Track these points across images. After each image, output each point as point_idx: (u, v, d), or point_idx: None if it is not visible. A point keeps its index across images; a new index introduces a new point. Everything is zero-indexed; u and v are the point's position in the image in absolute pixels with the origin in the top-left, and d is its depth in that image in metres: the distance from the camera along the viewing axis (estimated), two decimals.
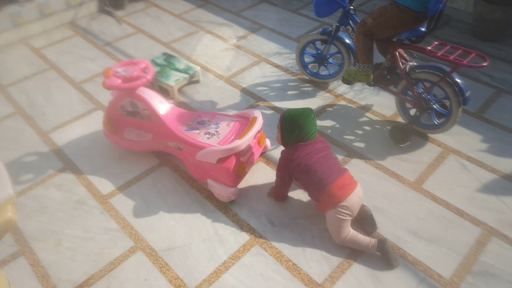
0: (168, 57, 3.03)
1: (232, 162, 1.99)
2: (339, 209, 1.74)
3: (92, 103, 2.79)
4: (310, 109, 1.92)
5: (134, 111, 2.23)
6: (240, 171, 2.03)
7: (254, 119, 2.13)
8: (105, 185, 2.20)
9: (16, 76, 3.08)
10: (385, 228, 1.93)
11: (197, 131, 2.12)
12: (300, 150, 1.86)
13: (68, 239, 1.95)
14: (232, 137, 2.07)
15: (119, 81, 2.10)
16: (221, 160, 1.98)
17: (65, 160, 2.36)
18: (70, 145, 2.47)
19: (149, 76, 2.13)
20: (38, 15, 3.52)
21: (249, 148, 2.09)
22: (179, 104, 2.76)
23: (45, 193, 2.17)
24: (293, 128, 1.86)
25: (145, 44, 3.42)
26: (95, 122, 2.61)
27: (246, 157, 2.09)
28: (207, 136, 2.08)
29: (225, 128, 2.13)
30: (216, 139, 2.06)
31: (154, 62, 2.96)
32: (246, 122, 2.17)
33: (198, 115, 2.25)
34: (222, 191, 2.03)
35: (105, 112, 2.33)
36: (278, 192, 2.04)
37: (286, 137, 1.90)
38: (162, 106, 2.20)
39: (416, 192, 2.10)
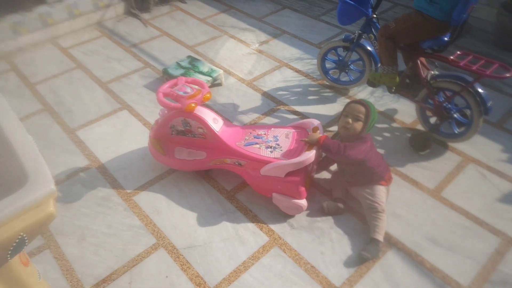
0: (192, 60, 3.10)
1: (301, 175, 1.97)
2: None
3: (118, 102, 2.88)
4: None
5: (186, 130, 2.16)
6: (308, 183, 2.03)
7: (316, 128, 2.11)
8: (129, 183, 2.27)
9: (45, 74, 3.19)
10: (404, 234, 1.95)
11: (257, 146, 2.07)
12: (369, 137, 1.98)
13: (92, 234, 2.01)
14: (295, 149, 2.04)
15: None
16: (289, 174, 1.96)
17: (90, 157, 2.45)
18: (96, 142, 2.55)
19: (206, 86, 2.12)
20: (67, 15, 3.64)
21: None
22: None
23: (71, 189, 2.25)
24: (375, 117, 1.96)
25: (170, 47, 3.50)
26: (120, 121, 2.69)
27: (311, 167, 2.09)
28: (269, 150, 2.05)
29: (284, 140, 2.10)
30: (279, 152, 2.03)
31: (179, 65, 3.04)
32: (304, 132, 2.16)
33: (253, 129, 2.21)
34: (291, 204, 2.00)
35: (151, 133, 2.24)
36: (339, 153, 1.95)
37: (369, 127, 1.96)
38: (217, 123, 2.13)
39: (435, 199, 2.11)
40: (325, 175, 2.27)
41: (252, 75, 3.13)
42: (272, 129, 2.19)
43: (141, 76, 3.16)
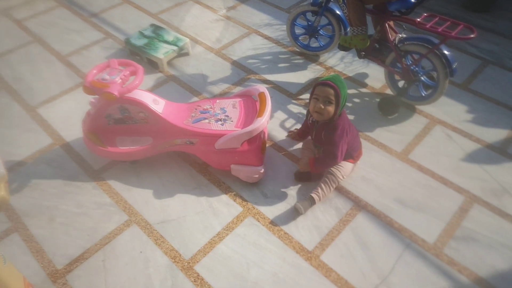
0: (156, 29, 2.97)
1: (256, 142, 1.95)
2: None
3: (80, 77, 2.75)
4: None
5: (124, 117, 2.04)
6: (263, 149, 2.01)
7: (263, 94, 2.06)
8: (97, 160, 2.20)
9: None
10: (373, 197, 2.00)
11: (206, 121, 2.02)
12: (344, 115, 1.93)
13: (61, 214, 1.97)
14: (245, 117, 2.01)
15: (119, 86, 1.89)
16: (245, 143, 1.94)
17: (54, 136, 2.35)
18: (59, 120, 2.45)
19: (139, 66, 1.99)
20: None
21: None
22: (169, 78, 2.74)
23: (36, 170, 2.17)
24: (345, 94, 1.87)
25: (132, 15, 3.33)
26: (83, 97, 2.57)
27: (263, 133, 2.07)
28: (220, 122, 2.00)
29: (233, 110, 2.06)
30: (230, 123, 1.99)
31: (142, 34, 2.91)
32: (250, 100, 2.13)
33: (198, 104, 2.14)
34: (251, 173, 2.00)
35: (84, 127, 2.08)
36: (331, 164, 1.97)
37: (341, 106, 1.87)
38: (158, 104, 2.03)
39: (403, 162, 2.16)
40: (297, 145, 2.28)
41: (220, 43, 3.04)
42: (218, 101, 2.14)
43: (102, 47, 3.01)
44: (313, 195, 1.94)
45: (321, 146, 1.99)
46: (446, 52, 2.14)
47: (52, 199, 2.03)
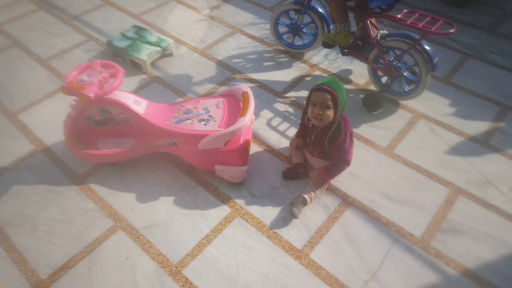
0: (138, 30, 2.93)
1: (240, 142, 1.94)
2: None
3: (61, 81, 2.70)
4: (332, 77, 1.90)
5: (106, 118, 2.01)
6: (247, 148, 2.00)
7: (246, 93, 2.05)
8: (79, 166, 2.16)
9: None
10: (360, 193, 2.01)
11: (189, 121, 1.99)
12: (345, 118, 1.92)
13: (44, 222, 1.92)
14: (228, 117, 2.00)
15: (96, 88, 1.86)
16: (229, 143, 1.92)
17: (36, 142, 2.30)
18: (40, 125, 2.40)
19: (120, 68, 1.97)
20: None
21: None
22: (154, 79, 2.71)
23: (17, 177, 2.12)
24: (344, 97, 1.84)
25: (114, 17, 3.29)
26: (65, 101, 2.53)
27: (247, 133, 2.06)
28: (203, 123, 1.98)
29: (216, 110, 2.05)
30: (214, 123, 1.98)
31: (124, 36, 2.87)
32: (234, 99, 2.11)
33: (181, 105, 2.11)
34: (235, 173, 1.98)
35: (65, 129, 2.04)
36: (344, 168, 1.97)
37: (341, 110, 1.85)
38: (140, 105, 2.00)
39: (388, 157, 2.18)
40: (285, 144, 2.28)
41: (204, 43, 3.01)
42: (201, 101, 2.12)
43: (84, 50, 2.96)
44: (305, 196, 1.92)
45: (318, 147, 1.99)
46: (427, 47, 2.16)
47: (34, 207, 1.99)
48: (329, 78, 1.84)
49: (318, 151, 1.99)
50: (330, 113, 1.82)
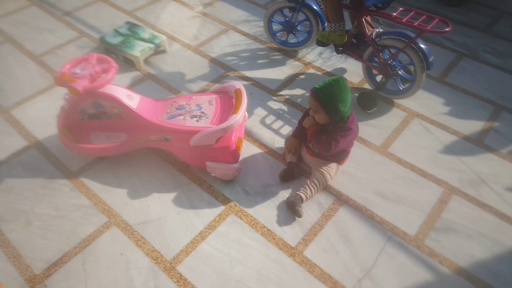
0: (131, 26, 2.91)
1: (231, 139, 1.94)
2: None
3: (54, 76, 2.67)
4: (338, 77, 1.86)
5: (98, 112, 2.00)
6: (239, 146, 1.99)
7: (239, 91, 2.04)
8: (73, 161, 2.14)
9: None
10: (354, 191, 2.01)
11: (182, 117, 1.99)
12: (353, 118, 1.93)
13: (38, 218, 1.91)
14: (221, 114, 1.99)
15: (86, 81, 1.86)
16: (220, 140, 1.92)
17: (29, 138, 2.28)
18: (33, 121, 2.37)
19: (114, 64, 1.96)
20: None
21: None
22: (147, 76, 2.69)
23: (11, 173, 2.10)
24: (337, 100, 1.82)
25: (107, 13, 3.26)
26: (57, 97, 2.51)
27: (240, 130, 2.05)
28: (195, 119, 1.97)
29: (209, 107, 2.04)
30: (206, 120, 1.97)
31: (117, 32, 2.84)
32: (227, 96, 2.11)
33: (173, 100, 2.10)
34: (226, 170, 1.98)
35: (58, 122, 2.03)
36: (323, 148, 1.91)
37: (341, 111, 1.82)
38: (132, 99, 2.00)
39: (382, 155, 2.19)
40: (280, 143, 2.27)
41: (198, 40, 3.00)
42: (194, 97, 2.11)
43: (77, 46, 2.93)
44: (301, 194, 1.92)
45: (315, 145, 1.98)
46: (422, 46, 2.17)
47: (28, 203, 1.97)
48: (329, 81, 1.83)
49: (318, 149, 1.99)
50: (319, 116, 1.86)
